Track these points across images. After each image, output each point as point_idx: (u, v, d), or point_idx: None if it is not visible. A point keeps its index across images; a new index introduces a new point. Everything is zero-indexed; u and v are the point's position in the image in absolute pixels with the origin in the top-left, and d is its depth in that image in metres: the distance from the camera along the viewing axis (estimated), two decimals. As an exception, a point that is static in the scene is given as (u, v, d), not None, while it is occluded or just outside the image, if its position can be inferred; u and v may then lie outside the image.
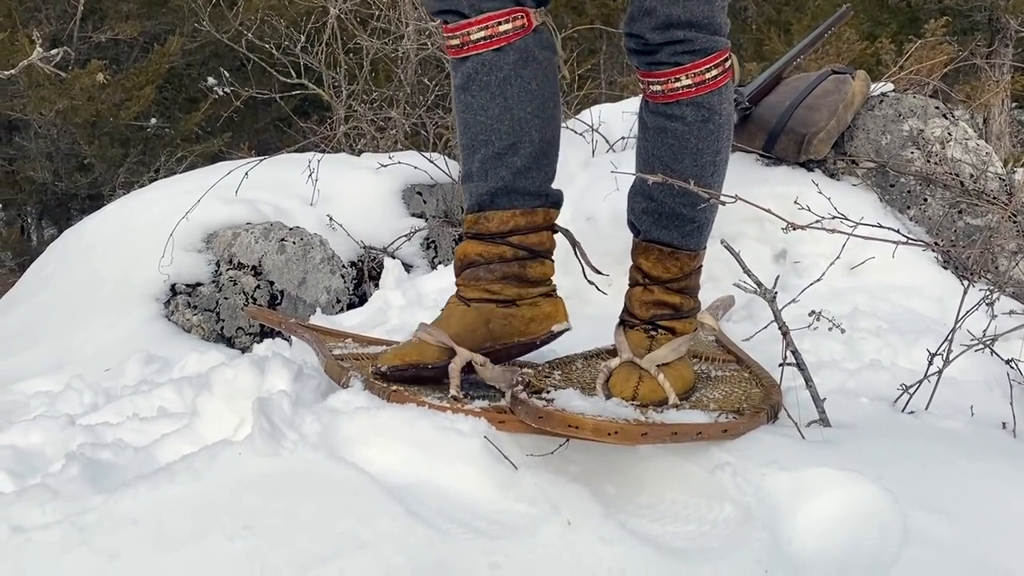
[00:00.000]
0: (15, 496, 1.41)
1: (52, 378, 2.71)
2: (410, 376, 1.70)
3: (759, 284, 1.77)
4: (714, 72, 1.72)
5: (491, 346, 1.74)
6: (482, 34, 1.69)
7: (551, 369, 1.76)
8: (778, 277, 1.95)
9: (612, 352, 1.80)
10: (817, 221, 1.71)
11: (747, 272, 1.77)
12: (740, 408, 1.65)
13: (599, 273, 1.87)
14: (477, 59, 1.70)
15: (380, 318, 2.61)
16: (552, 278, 1.82)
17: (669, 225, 1.77)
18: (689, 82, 1.71)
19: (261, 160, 3.34)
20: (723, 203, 1.64)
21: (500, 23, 1.69)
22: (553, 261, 1.82)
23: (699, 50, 1.69)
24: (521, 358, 1.97)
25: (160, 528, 1.33)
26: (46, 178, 7.59)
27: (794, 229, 1.78)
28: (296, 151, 4.04)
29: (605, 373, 1.67)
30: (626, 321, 1.81)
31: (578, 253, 1.86)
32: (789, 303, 2.00)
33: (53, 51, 2.31)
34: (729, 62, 1.75)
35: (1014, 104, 6.12)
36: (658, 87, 1.73)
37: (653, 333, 1.76)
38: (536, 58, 1.73)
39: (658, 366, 1.66)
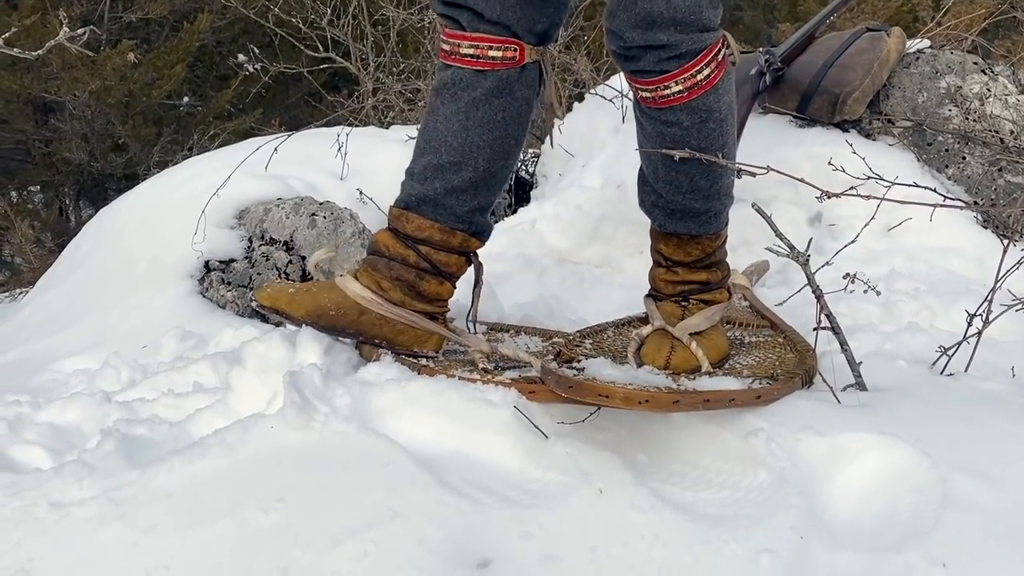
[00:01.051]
0: (53, 472, 1.43)
1: (90, 356, 2.74)
2: (275, 321, 1.73)
3: (791, 247, 1.74)
4: (706, 72, 1.60)
5: (353, 333, 1.72)
6: (471, 51, 1.67)
7: (582, 338, 1.75)
8: (811, 240, 1.92)
9: (644, 320, 1.79)
10: (852, 188, 1.67)
11: (779, 236, 1.75)
12: (774, 374, 1.63)
13: (476, 323, 1.84)
14: (458, 72, 1.68)
15: (411, 290, 2.61)
16: (447, 301, 1.78)
17: (683, 218, 1.71)
18: (680, 88, 1.59)
19: (290, 135, 3.34)
20: (753, 175, 1.60)
21: (491, 48, 1.66)
22: (455, 287, 1.78)
23: (686, 53, 1.57)
24: (552, 327, 1.96)
25: (195, 501, 1.34)
26: (82, 159, 7.68)
27: (828, 198, 1.76)
28: (324, 125, 4.03)
29: (637, 341, 1.65)
30: (655, 295, 1.78)
31: (475, 293, 1.82)
32: (823, 266, 1.97)
33: (79, 31, 2.32)
34: (723, 51, 1.64)
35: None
36: (647, 94, 1.62)
37: (685, 304, 1.73)
38: (512, 93, 1.68)
39: (691, 335, 1.64)
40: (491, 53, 1.66)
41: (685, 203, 1.69)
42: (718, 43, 1.62)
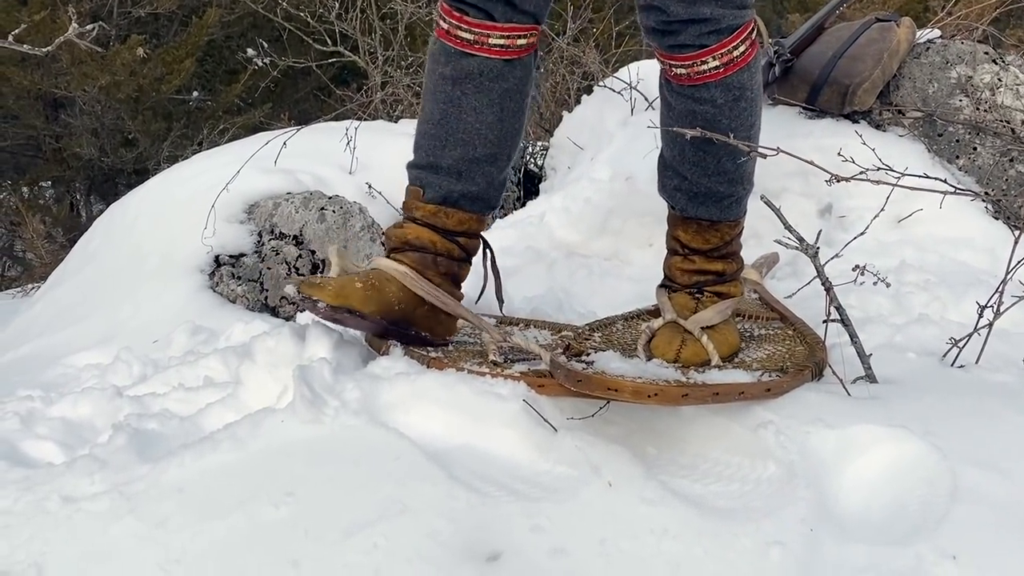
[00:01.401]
0: (65, 467, 1.44)
1: (101, 351, 2.76)
2: (340, 319, 1.63)
3: (801, 240, 1.74)
4: (742, 48, 1.62)
5: (402, 326, 1.66)
6: (501, 42, 1.64)
7: (591, 331, 1.75)
8: (820, 232, 1.91)
9: (654, 313, 1.79)
10: (861, 173, 1.67)
11: (788, 228, 1.74)
12: (784, 367, 1.62)
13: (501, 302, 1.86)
14: (486, 63, 1.65)
15: (420, 284, 2.61)
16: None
17: (706, 202, 1.71)
18: (717, 63, 1.61)
19: (298, 130, 3.34)
20: (764, 156, 1.60)
21: (519, 37, 1.65)
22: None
23: (725, 28, 1.59)
24: (561, 320, 1.96)
25: (205, 496, 1.35)
26: (92, 154, 7.71)
27: (838, 181, 1.74)
28: (333, 119, 4.04)
29: (647, 334, 1.65)
30: (669, 286, 1.77)
31: (495, 273, 1.83)
32: (832, 258, 1.96)
33: (88, 27, 2.33)
34: (755, 32, 1.66)
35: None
36: (683, 70, 1.62)
37: (698, 296, 1.73)
38: (532, 76, 1.71)
39: (702, 328, 1.63)
40: (519, 41, 1.65)
41: (710, 185, 1.69)
42: (752, 22, 1.64)
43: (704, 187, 1.69)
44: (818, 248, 1.73)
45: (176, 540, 1.28)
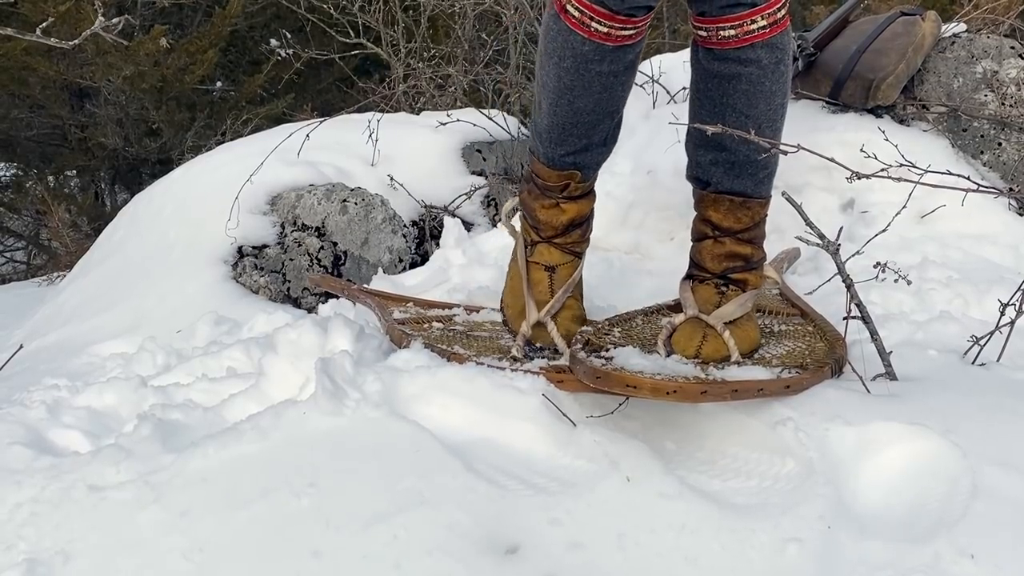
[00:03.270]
0: (91, 456, 1.47)
1: (126, 340, 2.79)
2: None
3: (822, 236, 1.73)
4: (783, 11, 1.67)
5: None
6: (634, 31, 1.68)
7: (611, 326, 1.76)
8: (841, 228, 1.91)
9: (674, 308, 1.79)
10: (883, 170, 1.66)
11: (809, 224, 1.74)
12: (803, 363, 1.62)
13: None
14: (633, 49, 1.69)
15: (441, 277, 2.62)
16: None
17: (742, 174, 1.73)
18: (764, 23, 1.65)
19: (321, 122, 3.36)
20: (784, 153, 1.60)
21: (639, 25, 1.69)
22: None
23: None
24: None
25: (228, 485, 1.37)
26: (117, 144, 7.76)
27: (858, 178, 1.74)
28: (355, 111, 4.06)
29: (668, 329, 1.65)
30: (695, 276, 1.77)
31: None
32: (854, 255, 1.96)
33: (115, 20, 2.35)
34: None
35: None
36: (732, 31, 1.65)
37: (724, 288, 1.72)
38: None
39: (725, 323, 1.64)
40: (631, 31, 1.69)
41: (748, 154, 1.71)
42: None
43: (743, 155, 1.71)
44: (839, 244, 1.73)
45: (200, 529, 1.30)
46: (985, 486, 1.30)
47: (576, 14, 1.63)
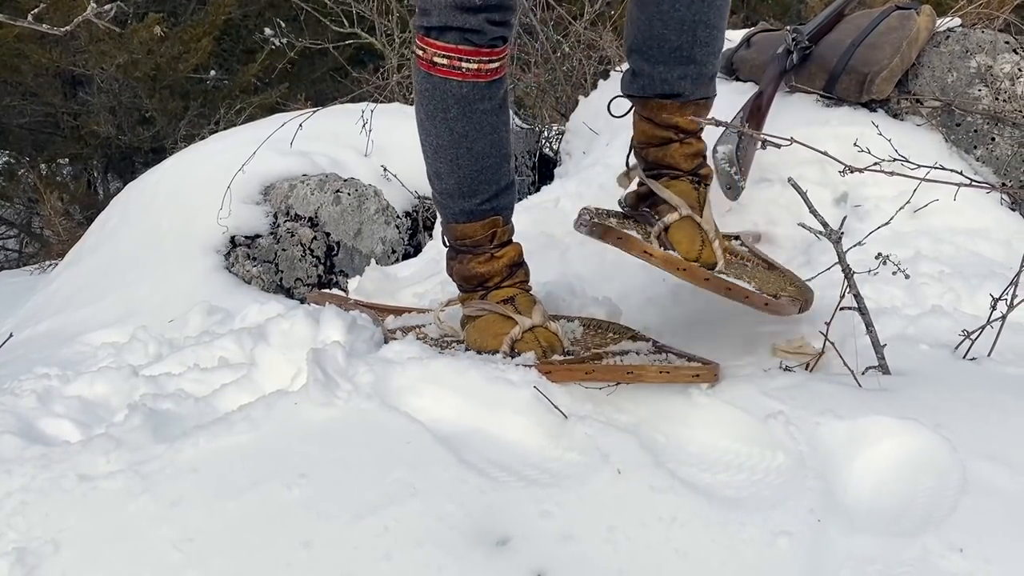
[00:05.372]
0: (81, 446, 1.46)
1: (118, 329, 2.79)
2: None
3: (825, 225, 1.73)
4: None
5: None
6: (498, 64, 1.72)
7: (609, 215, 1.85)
8: (845, 218, 1.92)
9: (634, 203, 1.85)
10: (875, 164, 1.66)
11: (814, 212, 1.73)
12: (777, 294, 1.70)
13: None
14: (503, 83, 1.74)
15: (433, 268, 2.62)
16: None
17: (708, 80, 1.82)
18: None
19: (315, 112, 3.35)
20: (778, 146, 1.60)
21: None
22: None
23: None
24: (574, 306, 1.98)
25: (219, 476, 1.37)
26: (110, 132, 7.74)
27: (851, 172, 1.76)
28: (349, 101, 4.04)
29: (661, 227, 1.72)
30: (667, 173, 1.82)
31: None
32: (853, 246, 1.96)
33: (106, 6, 2.34)
34: None
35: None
36: None
37: (697, 184, 1.80)
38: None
39: (715, 232, 1.73)
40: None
41: (713, 63, 1.81)
42: None
43: (711, 67, 1.80)
44: (842, 233, 1.73)
45: (190, 519, 1.30)
46: (974, 480, 1.31)
47: (444, 62, 1.68)
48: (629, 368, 1.56)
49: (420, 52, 1.70)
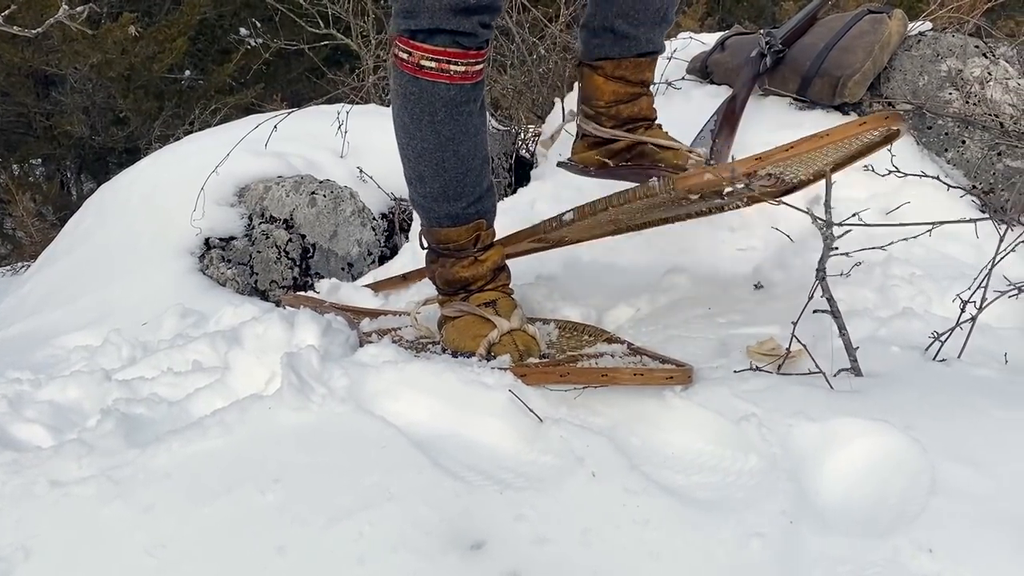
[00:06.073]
0: (53, 451, 1.45)
1: (91, 332, 2.76)
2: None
3: (828, 208, 1.73)
4: None
5: None
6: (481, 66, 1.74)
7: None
8: (831, 208, 1.94)
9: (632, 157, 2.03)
10: (855, 215, 1.71)
11: (826, 204, 1.74)
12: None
13: None
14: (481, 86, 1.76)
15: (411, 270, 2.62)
16: None
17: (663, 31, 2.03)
18: None
19: (289, 113, 3.34)
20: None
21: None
22: None
23: None
24: (548, 307, 1.98)
25: (193, 481, 1.36)
26: (83, 132, 7.67)
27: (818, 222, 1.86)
28: (325, 102, 4.03)
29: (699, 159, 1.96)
30: (642, 124, 2.01)
31: None
32: (834, 253, 1.97)
33: (79, 8, 2.32)
34: None
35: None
36: None
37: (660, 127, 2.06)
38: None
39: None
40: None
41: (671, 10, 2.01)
42: None
43: (671, 14, 2.00)
44: (831, 223, 1.73)
45: (164, 525, 1.29)
46: (944, 481, 1.32)
47: (432, 65, 1.67)
48: (603, 371, 1.57)
49: (404, 55, 1.68)
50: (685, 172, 1.83)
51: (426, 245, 1.87)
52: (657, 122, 2.06)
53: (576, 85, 2.12)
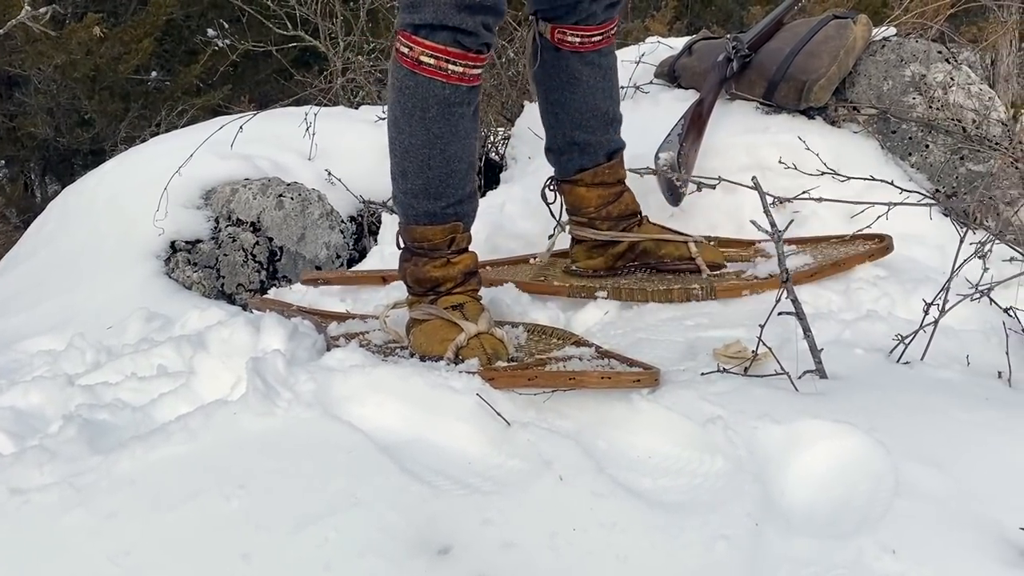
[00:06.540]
0: (14, 458, 1.44)
1: (55, 336, 2.72)
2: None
3: (773, 225, 1.75)
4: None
5: None
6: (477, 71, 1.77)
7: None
8: (791, 221, 1.97)
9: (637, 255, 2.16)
10: (805, 192, 1.73)
11: (766, 211, 1.75)
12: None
13: None
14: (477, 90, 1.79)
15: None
16: None
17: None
18: (613, 31, 2.12)
19: (255, 114, 3.31)
20: (712, 186, 1.95)
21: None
22: None
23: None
24: (517, 312, 1.98)
25: (157, 488, 1.35)
26: (47, 134, 7.56)
27: (781, 202, 2.22)
28: (292, 104, 4.01)
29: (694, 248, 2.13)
30: (633, 221, 2.15)
31: None
32: (792, 252, 1.99)
33: (42, 9, 2.29)
34: None
35: (1023, 45, 6.02)
36: (599, 37, 2.07)
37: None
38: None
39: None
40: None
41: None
42: None
43: (619, 113, 2.20)
44: (783, 232, 1.75)
45: (127, 532, 1.28)
46: (907, 483, 1.34)
47: (431, 62, 1.70)
48: (571, 374, 1.57)
49: (405, 49, 1.71)
50: (724, 284, 2.03)
51: (402, 244, 1.87)
52: (644, 215, 2.17)
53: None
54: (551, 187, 2.18)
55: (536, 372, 1.58)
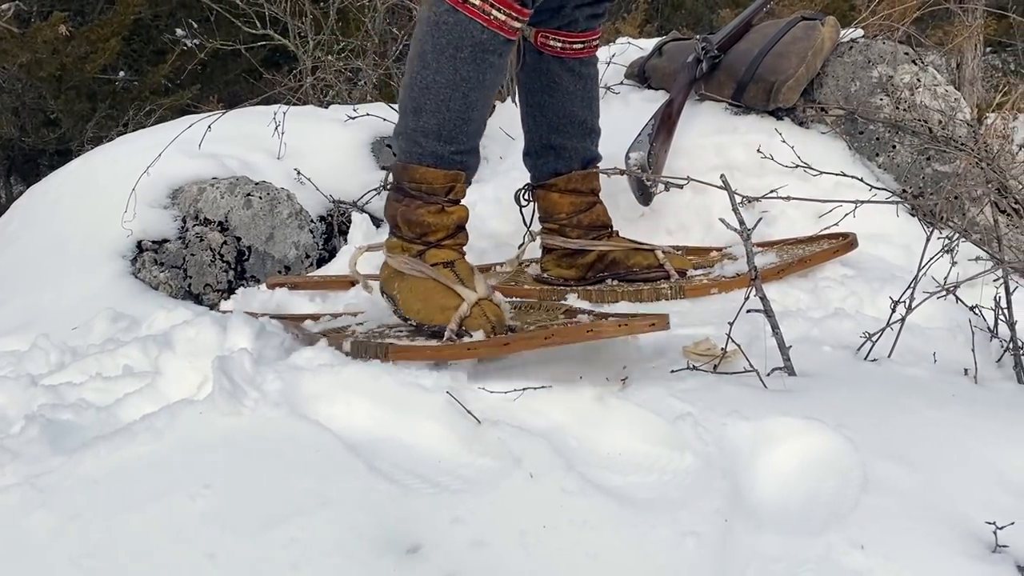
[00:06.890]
0: (-26, 459, 1.40)
1: (19, 337, 2.68)
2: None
3: (742, 223, 1.75)
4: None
5: None
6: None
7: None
8: (760, 219, 1.99)
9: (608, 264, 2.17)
10: (773, 191, 1.73)
11: (734, 209, 1.77)
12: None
13: None
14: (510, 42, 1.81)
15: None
16: None
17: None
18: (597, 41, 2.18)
19: (223, 113, 3.28)
20: (680, 186, 1.93)
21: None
22: None
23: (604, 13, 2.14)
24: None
25: (121, 488, 1.33)
26: (12, 134, 7.46)
27: (749, 202, 2.24)
28: (261, 103, 3.97)
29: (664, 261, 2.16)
30: (604, 232, 2.18)
31: None
32: (760, 251, 2.00)
33: (3, 6, 2.25)
34: None
35: (987, 49, 6.10)
36: (580, 45, 2.12)
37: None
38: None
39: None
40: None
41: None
42: None
43: (597, 126, 2.26)
44: (751, 231, 1.75)
45: (90, 533, 1.26)
46: (875, 479, 1.35)
47: (477, 2, 1.70)
48: (589, 326, 1.55)
49: None
50: (692, 284, 2.08)
51: (390, 185, 1.85)
52: (615, 229, 2.22)
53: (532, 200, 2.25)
54: (525, 195, 2.20)
55: (553, 330, 1.56)
